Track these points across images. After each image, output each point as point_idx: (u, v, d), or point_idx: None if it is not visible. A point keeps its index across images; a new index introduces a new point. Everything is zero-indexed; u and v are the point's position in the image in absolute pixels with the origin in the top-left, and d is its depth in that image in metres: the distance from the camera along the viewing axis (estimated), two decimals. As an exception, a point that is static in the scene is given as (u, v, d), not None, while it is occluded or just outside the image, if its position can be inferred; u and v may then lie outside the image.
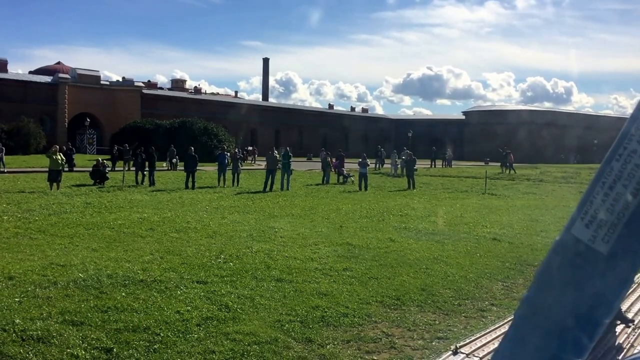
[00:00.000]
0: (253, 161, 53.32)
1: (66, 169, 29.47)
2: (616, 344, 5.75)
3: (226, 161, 28.71)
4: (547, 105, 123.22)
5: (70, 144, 43.63)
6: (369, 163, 29.97)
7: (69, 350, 5.78)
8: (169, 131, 52.92)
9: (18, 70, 78.98)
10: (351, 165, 35.92)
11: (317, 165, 41.98)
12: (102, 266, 9.29)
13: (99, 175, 27.28)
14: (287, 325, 6.70)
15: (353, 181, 30.76)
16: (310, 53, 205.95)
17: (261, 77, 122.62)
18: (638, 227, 0.75)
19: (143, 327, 6.43)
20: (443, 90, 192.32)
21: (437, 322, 7.09)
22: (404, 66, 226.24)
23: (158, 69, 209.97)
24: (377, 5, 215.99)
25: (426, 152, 57.04)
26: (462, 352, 5.43)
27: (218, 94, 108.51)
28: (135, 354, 5.75)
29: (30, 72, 78.73)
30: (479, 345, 5.60)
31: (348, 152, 42.56)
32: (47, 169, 24.14)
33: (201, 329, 6.48)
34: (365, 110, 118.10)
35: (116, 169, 35.06)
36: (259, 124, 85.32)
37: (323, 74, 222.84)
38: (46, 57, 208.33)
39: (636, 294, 7.34)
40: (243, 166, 35.03)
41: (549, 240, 13.49)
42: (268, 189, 25.47)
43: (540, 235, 14.03)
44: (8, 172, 33.31)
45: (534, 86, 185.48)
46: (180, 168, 34.41)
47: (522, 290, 8.83)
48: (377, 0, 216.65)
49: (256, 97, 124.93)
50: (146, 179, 27.45)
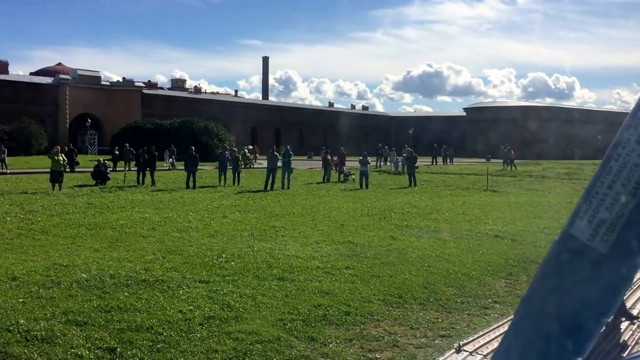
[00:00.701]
0: (254, 160, 53.27)
1: (68, 169, 29.51)
2: (621, 341, 5.75)
3: (227, 160, 28.74)
4: (548, 101, 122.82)
5: (72, 145, 43.64)
6: (369, 161, 29.95)
7: (73, 350, 5.79)
8: (169, 131, 52.94)
9: (19, 71, 79.28)
10: (352, 163, 35.91)
11: (318, 163, 41.98)
12: (104, 266, 9.31)
13: (100, 176, 27.32)
14: (289, 324, 6.71)
15: (354, 179, 30.75)
16: (309, 51, 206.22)
17: (261, 76, 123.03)
18: (637, 226, 0.76)
19: (146, 326, 6.44)
20: (443, 87, 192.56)
21: (439, 320, 7.09)
22: (403, 63, 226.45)
23: (158, 69, 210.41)
24: (376, 2, 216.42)
25: (428, 150, 57.05)
26: (465, 350, 5.43)
27: (218, 93, 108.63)
28: (139, 354, 5.76)
29: (31, 74, 78.82)
30: (482, 343, 5.60)
31: (349, 150, 42.45)
32: (49, 170, 24.18)
33: (204, 328, 6.49)
34: (365, 108, 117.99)
35: (117, 169, 35.08)
36: (259, 122, 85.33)
37: (323, 72, 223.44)
38: (46, 58, 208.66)
39: (640, 291, 7.33)
40: (246, 165, 35.11)
41: (552, 237, 13.38)
42: (269, 188, 25.46)
43: (543, 232, 14.01)
44: (10, 173, 33.36)
45: (535, 82, 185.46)
46: (180, 167, 34.40)
47: (525, 287, 8.83)
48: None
49: (256, 96, 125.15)
50: (148, 178, 27.46)
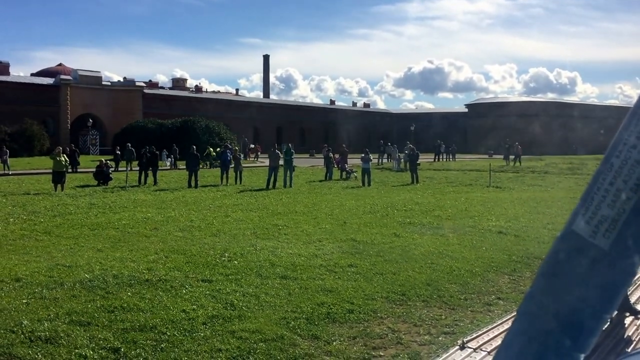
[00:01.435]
0: (256, 159, 53.32)
1: (70, 170, 29.54)
2: (625, 336, 5.74)
3: (229, 159, 28.76)
4: (550, 97, 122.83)
5: (74, 145, 43.69)
6: (371, 158, 29.94)
7: (77, 350, 5.80)
8: (170, 130, 52.95)
9: (20, 72, 79.25)
10: (354, 160, 35.90)
11: (320, 161, 42.00)
12: (107, 266, 9.31)
13: (102, 176, 27.35)
14: (292, 322, 6.71)
15: (356, 177, 30.75)
16: (309, 49, 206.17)
17: (261, 75, 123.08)
18: (639, 222, 0.76)
19: (149, 326, 6.44)
20: (444, 84, 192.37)
21: (443, 317, 7.08)
22: (404, 60, 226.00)
23: (158, 68, 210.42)
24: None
25: (430, 146, 56.99)
26: (469, 347, 5.42)
27: (219, 92, 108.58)
28: (143, 354, 5.76)
29: (32, 75, 78.81)
30: (486, 339, 5.59)
31: (350, 147, 42.46)
32: (51, 171, 24.21)
33: (207, 327, 6.49)
34: (367, 105, 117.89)
35: (119, 169, 35.11)
36: (260, 121, 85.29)
37: (323, 70, 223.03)
38: (47, 59, 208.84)
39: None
40: (211, 166, 35.26)
41: (555, 233, 13.27)
42: (271, 187, 25.46)
43: (546, 228, 13.99)
44: (13, 174, 33.41)
45: (536, 77, 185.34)
46: (182, 167, 34.43)
47: (529, 283, 8.81)
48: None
49: (257, 94, 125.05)
50: (150, 178, 27.49)
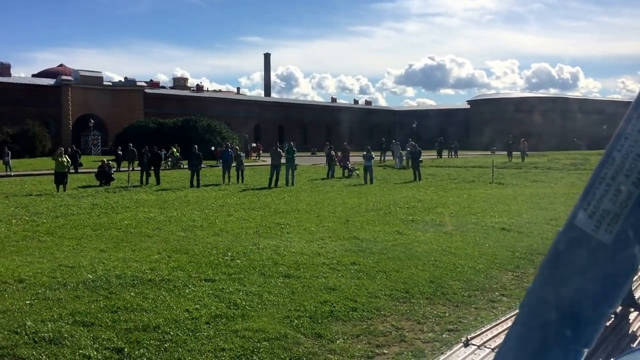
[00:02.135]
0: (258, 157, 53.32)
1: (72, 170, 29.58)
2: (630, 331, 5.72)
3: (231, 158, 28.76)
4: (553, 92, 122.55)
5: (75, 146, 43.73)
6: (373, 156, 29.92)
7: (80, 351, 5.80)
8: (172, 130, 52.96)
9: (21, 73, 79.27)
10: (356, 158, 35.88)
11: (322, 159, 41.96)
12: (110, 267, 9.31)
13: (104, 176, 27.37)
14: (296, 321, 6.70)
15: (358, 174, 30.72)
16: (310, 47, 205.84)
17: (262, 73, 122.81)
18: None
19: (153, 326, 6.44)
20: (446, 80, 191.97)
21: (447, 314, 7.07)
22: (405, 57, 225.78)
23: (159, 68, 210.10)
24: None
25: (432, 143, 56.97)
26: (473, 344, 5.41)
27: (220, 91, 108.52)
28: (147, 354, 5.76)
29: (33, 75, 78.82)
30: (490, 336, 5.57)
31: (352, 145, 42.40)
32: (53, 172, 24.23)
33: (210, 327, 6.49)
34: (368, 102, 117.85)
35: (121, 169, 35.15)
36: (262, 120, 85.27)
37: (324, 68, 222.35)
38: (48, 59, 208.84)
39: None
40: (173, 166, 35.24)
41: (559, 229, 13.33)
42: (273, 185, 25.46)
43: (550, 224, 13.95)
44: (15, 175, 33.45)
45: (538, 72, 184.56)
46: (184, 166, 34.47)
47: (532, 280, 8.78)
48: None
49: (258, 92, 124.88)
50: (152, 178, 27.50)
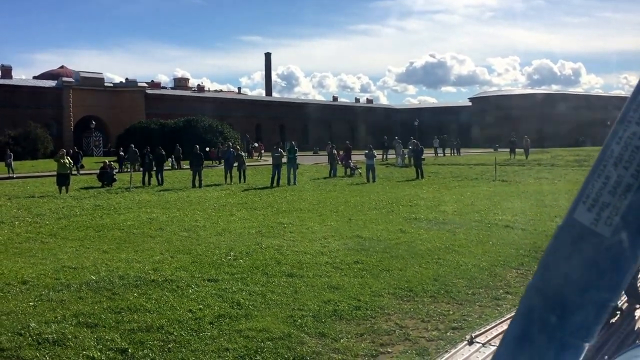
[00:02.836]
0: (259, 157, 53.33)
1: (75, 172, 29.63)
2: (636, 328, 5.68)
3: (232, 158, 28.76)
4: (555, 88, 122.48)
5: (77, 148, 43.77)
6: (375, 154, 29.90)
7: (84, 352, 5.79)
8: (174, 130, 52.98)
9: (22, 75, 79.35)
10: (358, 157, 35.87)
11: (324, 158, 41.97)
12: (113, 267, 9.31)
13: (106, 177, 27.40)
14: (299, 320, 6.69)
15: (360, 173, 30.70)
16: (310, 46, 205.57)
17: (263, 73, 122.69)
18: None
19: (156, 326, 6.43)
20: (447, 78, 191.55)
21: (451, 312, 7.05)
22: (406, 55, 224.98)
23: (159, 68, 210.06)
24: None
25: (434, 141, 56.92)
26: (477, 342, 5.39)
27: (221, 90, 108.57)
28: (150, 354, 5.75)
29: (34, 77, 78.92)
30: (494, 334, 5.55)
31: (354, 144, 42.44)
32: (55, 173, 24.25)
33: (214, 327, 6.48)
34: (370, 101, 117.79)
35: (123, 170, 35.17)
36: (263, 119, 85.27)
37: (325, 67, 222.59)
38: (49, 61, 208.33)
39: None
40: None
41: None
42: (275, 185, 25.46)
43: (554, 221, 13.91)
44: (17, 177, 33.49)
45: (540, 69, 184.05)
46: (185, 166, 34.51)
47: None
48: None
49: (259, 92, 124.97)
50: (154, 179, 27.52)
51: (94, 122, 62.57)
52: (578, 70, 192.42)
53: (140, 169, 30.67)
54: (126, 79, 77.76)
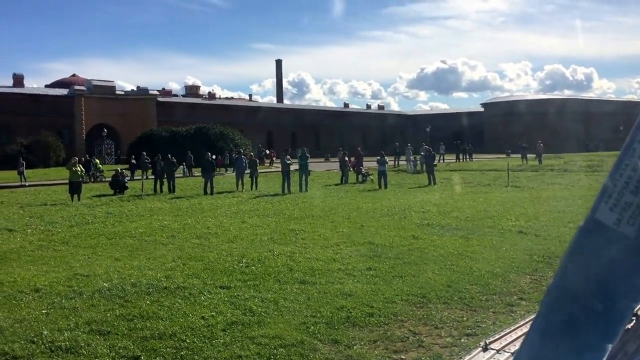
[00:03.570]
0: (271, 164, 53.43)
1: (88, 179, 29.77)
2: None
3: (244, 165, 28.80)
4: (567, 93, 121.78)
5: (89, 156, 44.03)
6: (387, 160, 29.90)
7: (97, 359, 5.78)
8: (185, 138, 53.19)
9: (34, 84, 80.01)
10: (369, 163, 35.85)
11: (335, 165, 41.99)
12: (125, 275, 9.32)
13: (118, 185, 27.52)
14: (312, 327, 6.65)
15: (372, 179, 30.68)
16: (321, 53, 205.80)
17: (274, 80, 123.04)
18: None
19: (169, 334, 6.41)
20: (459, 83, 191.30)
21: (464, 318, 6.99)
22: (417, 61, 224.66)
23: (170, 76, 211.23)
24: (387, 0, 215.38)
25: (446, 147, 56.84)
26: (492, 349, 5.32)
27: (232, 98, 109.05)
28: (163, 362, 5.73)
29: (46, 86, 79.65)
30: (509, 340, 5.48)
31: (366, 150, 42.40)
32: (67, 181, 24.38)
33: (227, 334, 6.45)
34: (381, 107, 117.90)
35: (135, 177, 35.33)
36: (274, 126, 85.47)
37: (336, 73, 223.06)
38: (61, 70, 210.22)
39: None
40: (96, 179, 35.21)
41: (580, 224, 13.29)
42: (286, 191, 25.47)
43: (567, 227, 13.83)
44: (29, 185, 33.70)
45: (552, 74, 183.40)
46: (197, 174, 34.63)
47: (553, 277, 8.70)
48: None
49: (270, 99, 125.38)
50: (165, 186, 27.61)
51: (105, 130, 62.91)
52: (590, 75, 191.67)
53: (151, 177, 30.81)
54: (138, 87, 78.11)
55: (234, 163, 32.34)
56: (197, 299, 7.85)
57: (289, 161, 26.82)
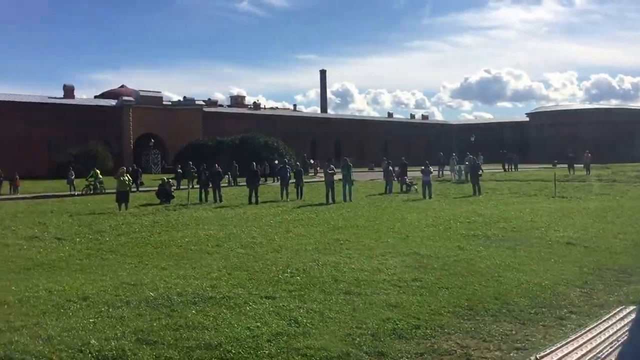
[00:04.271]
0: (315, 174, 53.48)
1: (134, 189, 30.22)
2: None
3: (288, 175, 28.88)
4: (614, 103, 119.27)
5: (136, 165, 44.75)
6: (431, 170, 29.57)
7: (143, 369, 5.81)
8: (230, 148, 53.66)
9: (84, 95, 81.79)
10: (414, 173, 35.56)
11: (379, 174, 41.75)
12: (171, 284, 9.38)
13: (164, 194, 27.86)
14: (358, 338, 6.57)
15: (417, 189, 30.41)
16: (365, 63, 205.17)
17: (318, 90, 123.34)
18: None
19: (215, 344, 6.41)
20: (503, 93, 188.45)
21: (513, 332, 6.83)
22: (461, 71, 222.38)
23: (216, 86, 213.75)
24: (431, 10, 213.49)
25: (491, 157, 56.12)
26: (543, 364, 5.18)
27: (277, 108, 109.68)
28: (208, 372, 5.73)
29: (95, 97, 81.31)
30: (560, 355, 5.33)
31: (410, 160, 42.06)
32: (115, 191, 24.79)
33: (272, 344, 6.42)
34: (425, 117, 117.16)
35: (181, 187, 35.73)
36: (318, 136, 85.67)
37: (379, 83, 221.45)
38: (110, 81, 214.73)
39: None
40: (95, 191, 35.25)
41: (628, 243, 12.94)
42: (330, 201, 25.43)
43: (618, 238, 13.46)
44: (78, 195, 34.42)
45: (598, 84, 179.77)
46: (242, 183, 34.83)
47: (602, 296, 8.47)
48: (431, 6, 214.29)
49: (313, 109, 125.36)
50: (210, 195, 27.85)
51: (152, 140, 63.90)
52: (637, 85, 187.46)
53: (197, 186, 31.12)
54: (184, 97, 79.20)
55: (278, 173, 32.44)
56: (243, 309, 7.84)
57: (332, 171, 26.80)
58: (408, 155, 56.65)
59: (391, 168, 33.66)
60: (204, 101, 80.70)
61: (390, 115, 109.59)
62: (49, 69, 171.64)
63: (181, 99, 78.99)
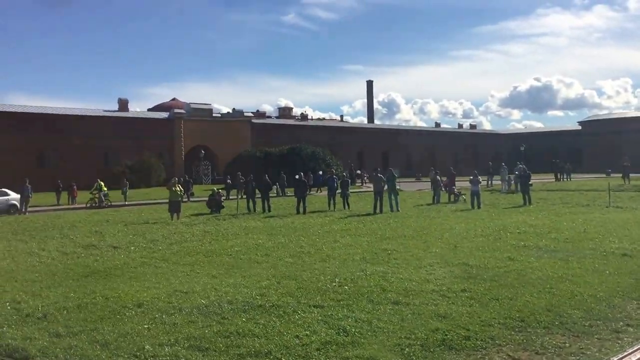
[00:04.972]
0: (362, 184, 53.45)
1: (185, 199, 30.72)
2: None
3: (335, 185, 28.94)
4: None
5: (187, 176, 45.49)
6: (480, 180, 29.24)
7: (195, 375, 5.92)
8: (279, 158, 54.08)
9: (137, 108, 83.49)
10: (462, 183, 35.21)
11: (427, 184, 41.48)
12: (222, 292, 9.53)
13: (215, 204, 28.27)
14: (407, 349, 6.55)
15: (465, 199, 30.10)
16: (412, 73, 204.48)
17: (364, 100, 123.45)
18: None
19: (265, 352, 6.48)
20: (554, 101, 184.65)
21: (567, 344, 6.71)
22: (509, 79, 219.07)
23: (263, 98, 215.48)
24: (478, 19, 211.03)
25: (543, 166, 55.19)
26: (598, 377, 5.09)
27: (324, 119, 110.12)
28: (259, 379, 5.79)
29: (148, 110, 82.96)
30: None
31: (458, 169, 41.67)
32: (167, 200, 25.25)
33: (321, 353, 6.45)
34: (473, 126, 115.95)
35: (230, 197, 36.17)
36: (365, 146, 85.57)
37: (426, 93, 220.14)
38: (162, 94, 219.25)
39: None
40: (100, 204, 35.30)
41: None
42: (378, 211, 25.38)
43: (675, 250, 13.07)
44: (129, 204, 35.19)
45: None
46: (290, 194, 35.05)
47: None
48: (478, 15, 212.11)
49: (360, 120, 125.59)
50: (258, 205, 28.11)
51: (203, 152, 64.84)
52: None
53: (244, 197, 31.47)
54: (233, 109, 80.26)
55: (326, 182, 32.56)
56: (292, 317, 7.91)
57: (378, 179, 26.77)
58: (456, 165, 56.14)
59: (439, 178, 33.43)
60: (252, 113, 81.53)
61: (438, 125, 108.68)
62: (104, 84, 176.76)
63: (230, 111, 80.00)
